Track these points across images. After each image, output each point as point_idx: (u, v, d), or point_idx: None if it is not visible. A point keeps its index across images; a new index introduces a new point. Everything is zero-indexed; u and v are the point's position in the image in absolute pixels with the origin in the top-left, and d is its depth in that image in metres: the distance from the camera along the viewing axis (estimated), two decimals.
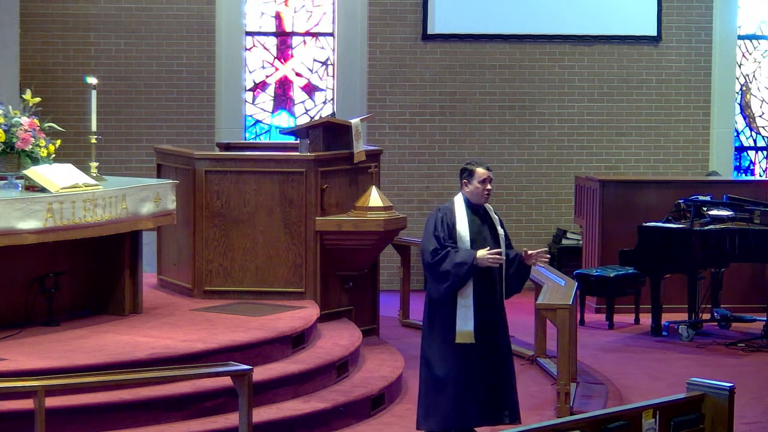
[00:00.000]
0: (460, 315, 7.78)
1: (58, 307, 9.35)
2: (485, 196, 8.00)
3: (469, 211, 7.95)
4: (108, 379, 7.59)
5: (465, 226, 7.89)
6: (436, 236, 7.84)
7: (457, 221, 7.89)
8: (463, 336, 7.78)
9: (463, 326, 7.77)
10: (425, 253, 7.85)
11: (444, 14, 14.66)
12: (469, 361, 7.81)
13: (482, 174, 7.96)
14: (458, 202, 7.99)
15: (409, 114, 14.75)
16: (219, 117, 14.48)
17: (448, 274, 7.75)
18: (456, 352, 7.80)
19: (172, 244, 10.87)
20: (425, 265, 7.89)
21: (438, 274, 7.79)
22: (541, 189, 14.92)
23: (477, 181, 7.95)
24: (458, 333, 7.77)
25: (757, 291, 12.97)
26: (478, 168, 7.97)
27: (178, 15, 14.31)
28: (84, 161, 10.04)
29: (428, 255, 7.82)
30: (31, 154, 9.18)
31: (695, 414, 5.85)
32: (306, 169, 10.35)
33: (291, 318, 9.66)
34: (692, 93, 15.11)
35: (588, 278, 12.52)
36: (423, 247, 7.92)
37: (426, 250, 7.85)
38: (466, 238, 7.86)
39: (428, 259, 7.81)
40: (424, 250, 7.87)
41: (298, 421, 8.37)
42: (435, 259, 7.78)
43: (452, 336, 7.79)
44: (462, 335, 7.78)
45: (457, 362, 7.80)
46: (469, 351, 7.80)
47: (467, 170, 7.99)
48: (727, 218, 12.10)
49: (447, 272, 7.75)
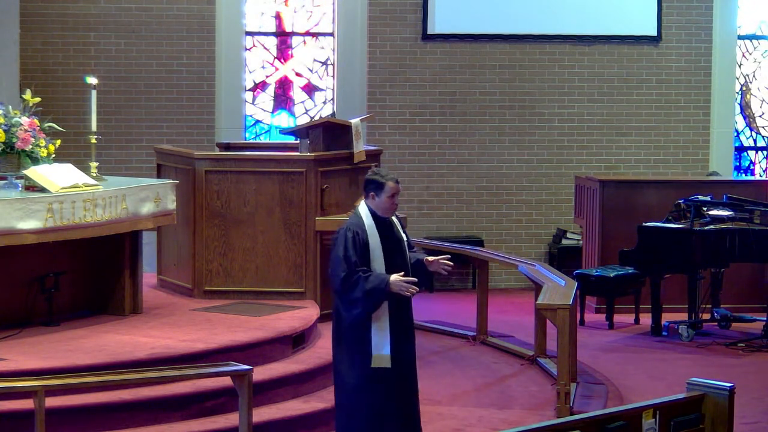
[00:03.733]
0: (376, 339, 7.27)
1: (58, 307, 9.35)
2: (393, 210, 7.44)
3: (377, 226, 7.36)
4: (108, 379, 7.59)
5: (378, 243, 7.31)
6: (347, 259, 7.23)
7: (369, 240, 7.30)
8: (380, 360, 7.28)
9: (380, 350, 7.27)
10: (334, 279, 7.26)
11: (444, 14, 14.66)
12: (384, 387, 7.34)
13: (392, 188, 7.33)
14: (365, 215, 7.37)
15: (409, 114, 14.75)
16: (219, 117, 14.48)
17: (359, 301, 7.21)
18: (371, 376, 7.31)
19: (172, 244, 10.87)
20: (334, 292, 7.35)
21: (349, 301, 7.25)
22: (541, 189, 14.92)
23: (386, 196, 7.34)
24: (374, 357, 7.27)
25: (757, 291, 12.97)
26: (388, 182, 7.33)
27: (178, 15, 14.32)
28: (84, 161, 10.04)
29: (337, 282, 7.24)
30: (31, 154, 9.18)
31: (695, 414, 5.85)
32: (306, 169, 10.36)
33: (291, 318, 9.66)
34: (692, 93, 15.11)
35: (588, 278, 12.52)
36: (332, 271, 7.30)
37: (336, 276, 7.24)
38: (380, 257, 7.32)
39: (337, 286, 7.25)
40: (333, 275, 7.27)
41: (298, 421, 8.38)
42: (345, 286, 7.22)
43: (367, 360, 7.28)
44: (378, 359, 7.28)
45: (372, 387, 7.32)
46: (384, 376, 7.31)
47: (375, 182, 7.35)
48: (727, 218, 12.11)
49: (358, 299, 7.22)
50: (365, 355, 7.29)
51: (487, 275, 11.89)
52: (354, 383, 7.33)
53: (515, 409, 9.37)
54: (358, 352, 7.31)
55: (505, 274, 14.54)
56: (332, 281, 7.34)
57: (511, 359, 11.01)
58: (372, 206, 7.39)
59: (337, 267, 7.26)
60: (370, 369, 7.29)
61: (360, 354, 7.30)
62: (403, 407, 7.43)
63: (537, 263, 11.48)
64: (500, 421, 8.96)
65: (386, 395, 7.34)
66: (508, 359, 11.02)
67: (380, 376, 7.31)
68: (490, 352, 11.29)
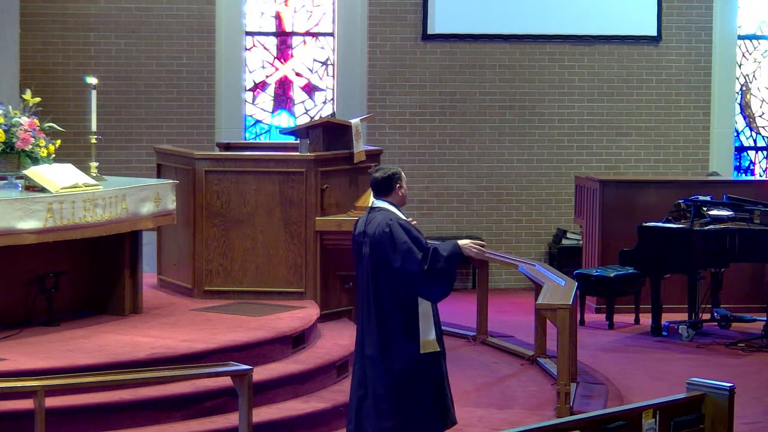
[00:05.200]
0: (423, 324, 7.26)
1: (58, 307, 9.36)
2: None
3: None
4: (108, 379, 7.60)
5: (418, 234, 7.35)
6: (416, 240, 7.19)
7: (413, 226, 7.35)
8: (428, 345, 7.30)
9: (427, 335, 7.30)
10: (411, 263, 7.15)
11: (444, 14, 14.66)
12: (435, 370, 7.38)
13: (405, 177, 7.49)
14: (396, 210, 7.37)
15: (409, 114, 14.75)
16: (219, 117, 14.48)
17: (443, 271, 7.18)
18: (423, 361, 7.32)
19: (172, 244, 10.87)
20: (418, 275, 7.16)
21: (434, 275, 7.18)
22: (541, 189, 14.92)
23: (406, 185, 7.48)
24: (423, 342, 7.27)
25: (757, 291, 12.97)
26: (402, 172, 7.48)
27: (178, 15, 14.32)
28: (84, 161, 10.03)
29: (416, 264, 7.14)
30: (31, 154, 9.18)
31: (695, 414, 5.85)
32: (306, 169, 10.36)
33: (291, 318, 9.66)
34: (692, 93, 15.11)
35: (588, 278, 12.52)
36: (405, 258, 7.16)
37: (413, 260, 7.14)
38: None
39: (416, 268, 7.14)
40: (410, 260, 7.15)
41: (298, 421, 8.38)
42: (428, 262, 7.15)
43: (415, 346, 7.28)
44: (427, 344, 7.29)
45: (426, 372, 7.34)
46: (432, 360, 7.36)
47: (397, 174, 7.40)
48: (727, 218, 12.10)
49: (442, 270, 7.17)
50: (413, 340, 7.26)
51: (487, 275, 11.89)
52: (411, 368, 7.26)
53: (515, 409, 9.37)
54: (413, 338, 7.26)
55: (505, 274, 14.54)
56: (409, 267, 7.16)
57: (511, 359, 11.01)
58: (395, 201, 7.43)
59: (412, 252, 7.15)
60: (421, 354, 7.26)
61: (414, 340, 7.26)
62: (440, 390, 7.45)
63: (537, 263, 11.48)
64: (500, 421, 8.96)
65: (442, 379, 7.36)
66: (508, 359, 11.02)
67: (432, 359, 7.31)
68: (490, 352, 11.29)
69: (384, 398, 7.32)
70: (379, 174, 7.47)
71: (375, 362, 7.35)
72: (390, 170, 7.46)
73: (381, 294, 7.33)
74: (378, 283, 7.32)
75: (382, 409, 7.33)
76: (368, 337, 7.40)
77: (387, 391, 7.32)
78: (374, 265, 7.32)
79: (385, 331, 7.33)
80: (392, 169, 7.48)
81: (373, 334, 7.36)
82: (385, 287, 7.31)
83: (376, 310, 7.34)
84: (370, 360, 7.37)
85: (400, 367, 7.29)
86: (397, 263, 7.21)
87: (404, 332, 7.30)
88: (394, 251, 7.21)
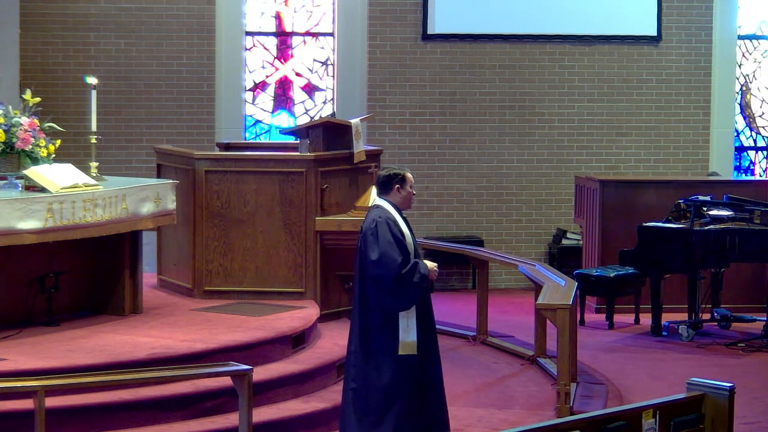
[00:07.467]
0: (403, 323, 7.29)
1: (58, 307, 9.36)
2: (412, 202, 7.57)
3: (403, 220, 7.44)
4: (108, 379, 7.60)
5: (409, 235, 7.39)
6: (398, 242, 7.25)
7: (404, 232, 7.36)
8: (407, 347, 7.32)
9: (407, 336, 7.32)
10: (390, 264, 7.20)
11: (444, 14, 14.66)
12: (410, 374, 7.38)
13: (412, 179, 7.50)
14: (391, 210, 7.42)
15: (409, 114, 14.75)
16: (219, 117, 14.48)
17: (416, 286, 7.27)
18: (399, 364, 7.33)
19: (172, 244, 10.87)
20: (391, 279, 7.21)
21: (408, 285, 7.24)
22: (541, 189, 14.92)
23: (409, 186, 7.47)
24: (401, 344, 7.29)
25: (757, 291, 12.97)
26: (407, 173, 7.49)
27: (178, 15, 14.31)
28: (84, 161, 10.04)
29: (394, 266, 7.19)
30: (31, 154, 9.19)
31: (695, 414, 5.85)
32: (306, 169, 10.36)
33: (291, 318, 9.66)
34: (692, 93, 15.11)
35: (588, 278, 12.52)
36: (383, 258, 7.22)
37: (391, 261, 7.20)
38: (412, 250, 7.37)
39: (393, 272, 7.19)
40: (388, 261, 7.20)
41: (298, 421, 8.38)
42: (404, 271, 7.21)
43: (393, 348, 7.31)
44: (405, 346, 7.31)
45: (402, 375, 7.35)
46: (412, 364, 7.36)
47: (398, 175, 7.44)
48: (727, 218, 12.11)
49: (416, 285, 7.26)
50: (391, 341, 7.30)
51: (487, 275, 11.89)
52: (388, 370, 7.31)
53: (515, 409, 9.37)
54: (384, 340, 7.31)
55: (505, 274, 14.54)
56: (386, 267, 7.23)
57: (511, 359, 11.01)
58: (395, 201, 7.46)
59: (391, 251, 7.22)
60: (400, 358, 7.28)
61: (386, 342, 7.30)
62: (430, 400, 7.44)
63: (537, 263, 11.47)
64: (500, 421, 8.96)
65: (415, 384, 7.35)
66: (508, 359, 11.02)
67: (410, 363, 7.30)
68: (490, 352, 11.29)
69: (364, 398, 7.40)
70: (382, 173, 7.55)
71: (357, 357, 7.43)
72: (393, 171, 7.52)
73: (366, 290, 7.40)
74: (363, 278, 7.40)
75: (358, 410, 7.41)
76: (353, 333, 7.49)
77: (368, 392, 7.39)
78: (362, 260, 7.42)
79: (366, 331, 7.39)
80: (396, 170, 7.52)
81: (356, 331, 7.46)
82: (369, 282, 7.38)
83: (360, 302, 7.41)
84: (353, 356, 7.47)
85: (383, 369, 7.33)
86: (374, 256, 7.27)
87: (384, 331, 7.33)
88: (374, 244, 7.27)
